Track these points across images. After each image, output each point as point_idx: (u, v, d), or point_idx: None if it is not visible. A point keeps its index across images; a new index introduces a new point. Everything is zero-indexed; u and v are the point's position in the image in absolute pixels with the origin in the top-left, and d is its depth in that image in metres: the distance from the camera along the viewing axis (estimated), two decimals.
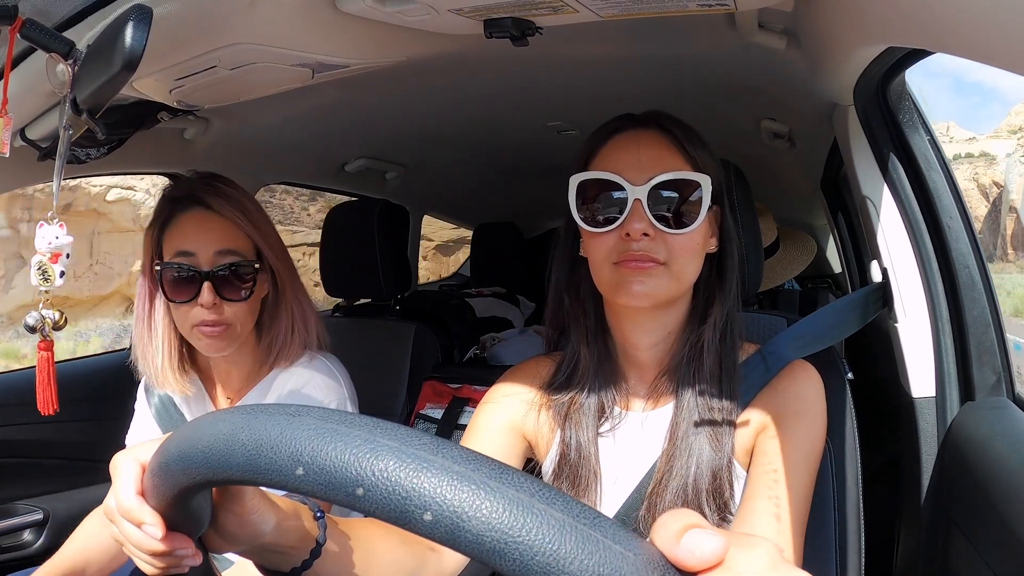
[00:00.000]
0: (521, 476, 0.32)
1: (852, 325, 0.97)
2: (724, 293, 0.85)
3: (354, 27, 0.86)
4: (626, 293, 0.78)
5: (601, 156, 0.82)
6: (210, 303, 0.97)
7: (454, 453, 0.33)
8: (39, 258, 0.77)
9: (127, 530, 0.48)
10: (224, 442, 0.38)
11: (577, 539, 0.30)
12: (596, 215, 0.80)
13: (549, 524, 0.30)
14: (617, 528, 0.31)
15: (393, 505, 0.32)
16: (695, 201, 0.78)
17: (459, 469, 0.32)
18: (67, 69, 0.73)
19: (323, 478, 0.34)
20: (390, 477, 0.32)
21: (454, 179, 2.40)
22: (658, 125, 0.82)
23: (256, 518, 0.53)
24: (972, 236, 0.96)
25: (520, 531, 0.30)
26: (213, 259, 0.98)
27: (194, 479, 0.40)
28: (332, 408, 0.38)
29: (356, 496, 0.33)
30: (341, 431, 0.35)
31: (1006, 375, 0.94)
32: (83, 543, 1.04)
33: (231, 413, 0.39)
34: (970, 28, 0.55)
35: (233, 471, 0.37)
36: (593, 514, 0.31)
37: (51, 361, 0.87)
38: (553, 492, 0.32)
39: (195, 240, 0.97)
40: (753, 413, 0.82)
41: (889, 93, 0.98)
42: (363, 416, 0.36)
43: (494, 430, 0.88)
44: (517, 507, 0.30)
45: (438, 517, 0.31)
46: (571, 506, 0.31)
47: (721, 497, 0.79)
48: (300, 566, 0.59)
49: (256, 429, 0.37)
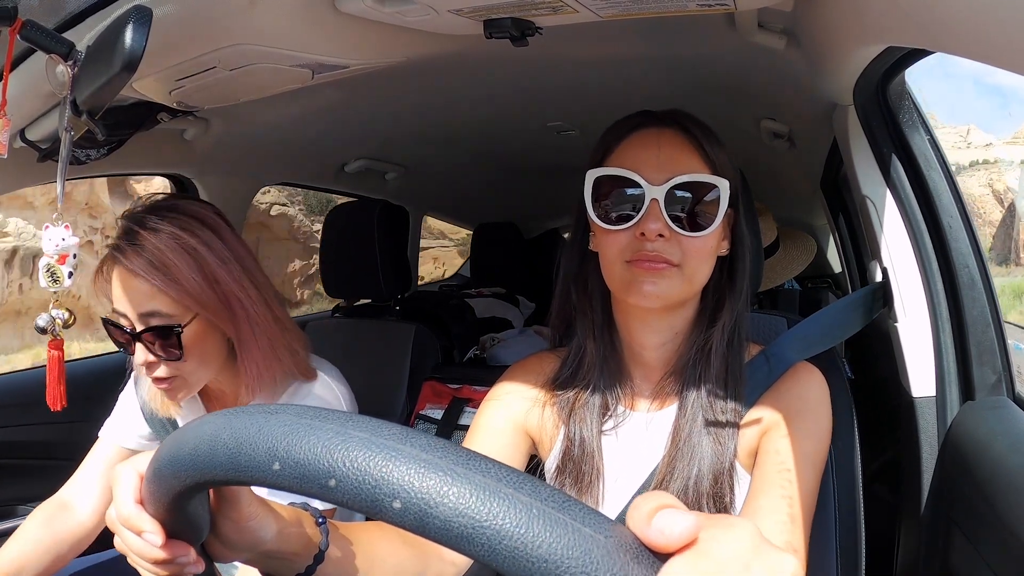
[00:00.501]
0: (488, 462, 0.32)
1: (853, 326, 0.97)
2: (734, 296, 0.84)
3: (354, 27, 0.86)
4: (637, 293, 0.78)
5: (619, 152, 0.81)
6: (143, 363, 0.93)
7: (422, 441, 0.33)
8: (47, 260, 0.78)
9: (128, 539, 0.48)
10: (208, 443, 0.38)
11: (545, 523, 0.29)
12: (610, 212, 0.79)
13: (516, 508, 0.30)
14: (587, 511, 0.31)
15: (364, 495, 0.32)
16: (712, 204, 0.78)
17: (426, 457, 0.32)
18: (67, 70, 0.73)
19: (298, 471, 0.34)
20: (359, 467, 0.32)
21: (454, 179, 2.40)
22: (678, 125, 0.81)
23: (255, 524, 0.53)
24: (972, 236, 0.96)
25: (487, 516, 0.30)
26: (139, 320, 0.91)
27: (184, 482, 0.40)
28: None
29: (329, 488, 0.33)
30: (314, 425, 0.35)
31: (1006, 375, 0.94)
32: (18, 549, 1.00)
33: (216, 415, 0.40)
34: (970, 28, 0.55)
35: (217, 471, 0.38)
36: (562, 497, 0.31)
37: (61, 360, 0.88)
38: (521, 476, 0.32)
39: (121, 301, 0.92)
40: (757, 415, 0.82)
41: (889, 93, 0.98)
42: (337, 411, 0.37)
43: (498, 429, 0.87)
44: (484, 492, 0.30)
45: (407, 505, 0.31)
46: (539, 490, 0.31)
47: (722, 500, 0.79)
48: (304, 572, 0.59)
49: (236, 428, 0.37)
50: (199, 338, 0.94)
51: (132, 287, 0.91)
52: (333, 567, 0.61)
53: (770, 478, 0.76)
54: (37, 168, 1.07)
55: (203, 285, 0.92)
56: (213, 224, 0.97)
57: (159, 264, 0.90)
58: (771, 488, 0.75)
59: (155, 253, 0.90)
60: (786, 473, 0.76)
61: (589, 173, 0.80)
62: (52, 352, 0.87)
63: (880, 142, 1.00)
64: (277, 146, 1.66)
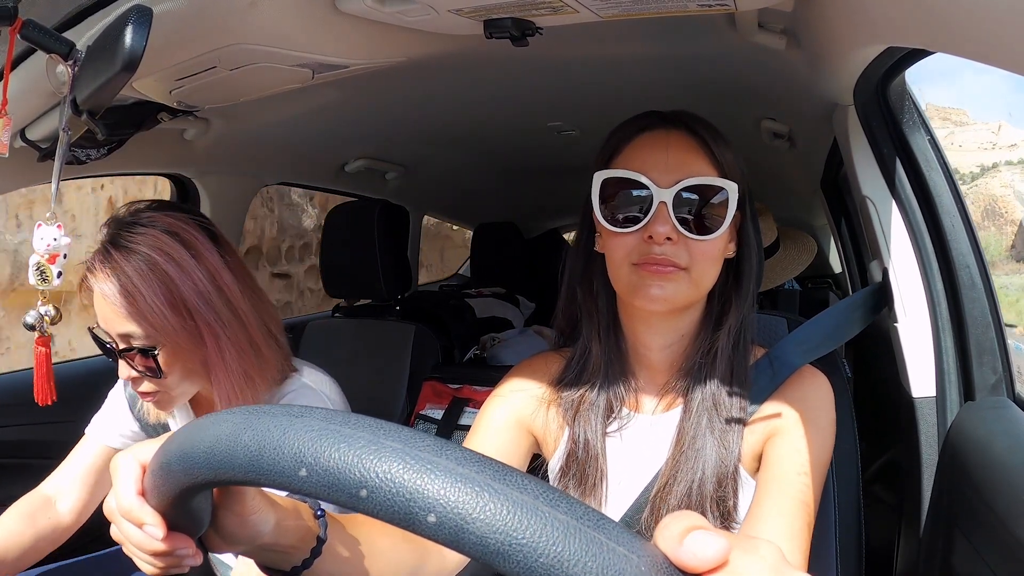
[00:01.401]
0: (525, 478, 0.32)
1: (855, 327, 0.97)
2: (740, 299, 0.84)
3: (354, 27, 0.86)
4: (644, 296, 0.78)
5: (626, 154, 0.81)
6: (127, 378, 0.94)
7: (458, 455, 0.33)
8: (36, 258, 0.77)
9: (127, 530, 0.48)
10: (227, 443, 0.37)
11: (581, 541, 0.30)
12: (617, 214, 0.79)
13: (553, 526, 0.30)
14: (620, 530, 0.31)
15: (397, 507, 0.32)
16: (720, 206, 0.77)
17: (463, 471, 0.32)
18: (67, 70, 0.73)
19: (327, 480, 0.34)
20: (394, 479, 0.32)
21: (454, 179, 2.40)
22: (686, 126, 0.80)
23: (257, 518, 0.53)
24: (972, 236, 0.96)
25: (524, 533, 0.30)
26: (119, 339, 0.92)
27: (196, 479, 0.40)
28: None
29: (359, 498, 0.33)
30: (345, 432, 0.34)
31: (1006, 375, 0.94)
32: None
33: (233, 414, 0.39)
34: (970, 28, 0.55)
35: (236, 472, 0.37)
36: (596, 516, 0.31)
37: (49, 356, 0.88)
38: (557, 494, 0.32)
39: (100, 318, 0.93)
40: (761, 419, 0.82)
41: (889, 93, 0.98)
42: (366, 417, 0.36)
43: (499, 426, 0.87)
44: (521, 509, 0.30)
45: (442, 519, 0.31)
46: (575, 508, 0.31)
47: (725, 504, 0.79)
48: (300, 565, 0.59)
49: (259, 430, 0.37)
50: (177, 359, 0.93)
51: (106, 309, 0.91)
52: (331, 560, 0.61)
53: (774, 485, 0.76)
54: (37, 168, 1.07)
55: (170, 315, 0.90)
56: (190, 241, 0.93)
57: (127, 293, 0.89)
58: (775, 496, 0.75)
59: (123, 281, 0.88)
60: (790, 480, 0.76)
61: (596, 175, 0.80)
62: (39, 349, 0.87)
63: (880, 142, 1.00)
64: (277, 146, 1.66)
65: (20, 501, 1.06)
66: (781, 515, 0.73)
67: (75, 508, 1.08)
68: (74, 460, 1.11)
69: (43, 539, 1.04)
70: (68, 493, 1.08)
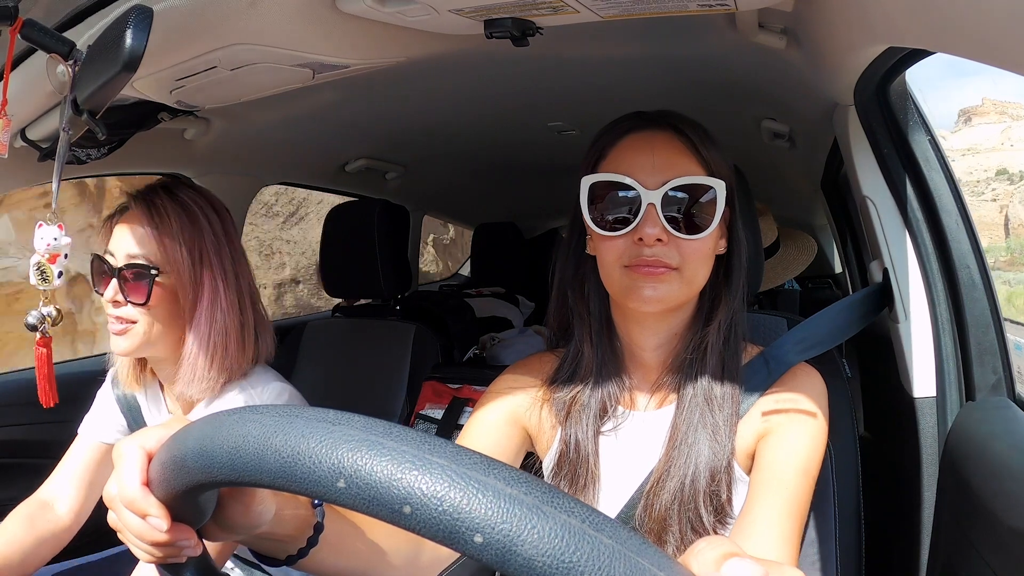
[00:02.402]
0: (572, 501, 0.32)
1: (854, 326, 0.97)
2: (730, 295, 0.84)
3: (354, 27, 0.86)
4: (637, 298, 0.78)
5: (613, 156, 0.81)
6: (111, 298, 1.01)
7: (506, 474, 0.33)
8: (37, 258, 0.78)
9: (128, 519, 0.47)
10: (255, 445, 0.36)
11: (625, 567, 0.30)
12: (606, 217, 0.79)
13: (599, 551, 0.30)
14: (663, 557, 0.31)
15: (442, 526, 0.31)
16: (708, 205, 0.77)
17: (511, 492, 0.32)
18: (67, 70, 0.73)
19: (368, 493, 0.33)
20: (441, 497, 0.32)
21: (454, 179, 2.40)
22: (671, 126, 0.80)
23: (261, 508, 0.53)
24: (972, 236, 0.96)
25: (571, 557, 0.30)
26: (125, 258, 1.01)
27: (214, 478, 0.39)
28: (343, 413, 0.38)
29: (402, 514, 0.32)
30: (388, 445, 0.34)
31: (1006, 375, 0.94)
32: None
33: (261, 414, 0.38)
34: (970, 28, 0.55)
35: (264, 476, 0.36)
36: (639, 540, 0.31)
37: (50, 357, 0.89)
38: (602, 518, 0.32)
39: (116, 241, 1.02)
40: (755, 416, 0.82)
41: (889, 93, 0.98)
42: (409, 429, 0.35)
43: (492, 423, 0.87)
44: (568, 532, 0.30)
45: (489, 540, 0.31)
46: (619, 533, 0.31)
47: (719, 499, 0.79)
48: (297, 554, 0.59)
49: (292, 435, 0.36)
50: (167, 296, 1.02)
51: (129, 230, 1.02)
52: (328, 550, 0.61)
53: (767, 484, 0.76)
54: (37, 168, 1.07)
55: (185, 254, 1.01)
56: (221, 212, 1.08)
57: (160, 216, 1.02)
58: (768, 495, 0.75)
59: (161, 212, 1.02)
60: (783, 478, 0.76)
61: (584, 179, 0.80)
62: (40, 350, 0.87)
63: (880, 142, 1.00)
64: (278, 146, 1.66)
65: (19, 507, 1.07)
66: (774, 515, 0.73)
67: (74, 508, 1.08)
68: (69, 461, 1.12)
69: (45, 543, 1.05)
70: (66, 494, 1.09)
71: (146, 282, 1.00)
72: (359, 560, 0.66)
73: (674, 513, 0.78)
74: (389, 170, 2.12)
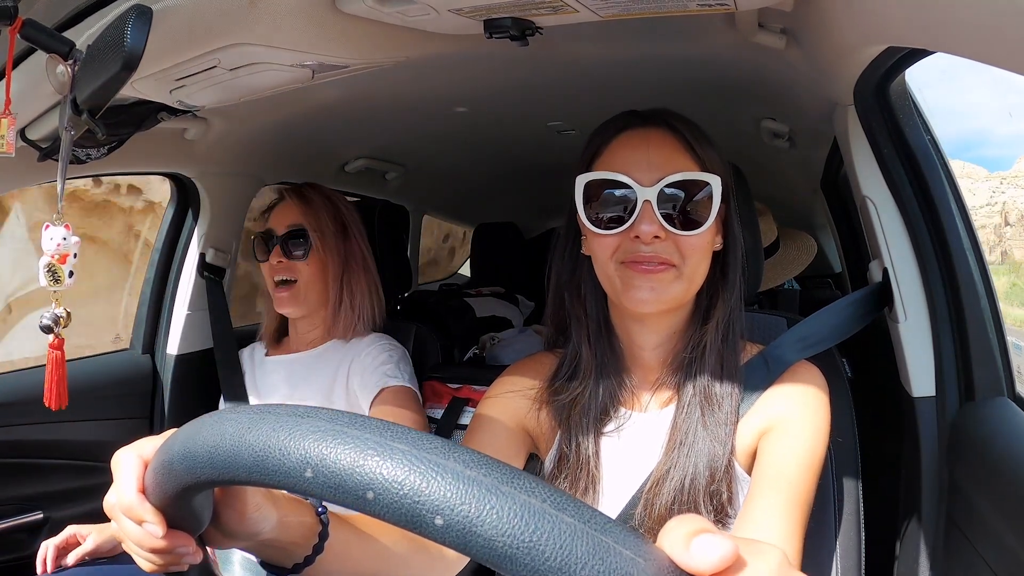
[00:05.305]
0: (533, 480, 0.32)
1: (853, 326, 0.97)
2: (727, 291, 0.84)
3: (354, 27, 0.86)
4: (635, 298, 0.78)
5: (607, 155, 0.81)
6: (275, 262, 1.30)
7: (466, 457, 0.33)
8: (46, 259, 0.77)
9: (127, 527, 0.48)
10: (231, 442, 0.37)
11: (588, 544, 0.30)
12: (602, 215, 0.79)
13: (560, 529, 0.30)
14: (627, 533, 0.31)
15: (404, 510, 0.32)
16: (704, 201, 0.78)
17: (471, 474, 0.32)
18: (67, 69, 0.73)
19: (333, 481, 0.33)
20: (402, 481, 0.32)
21: (454, 179, 2.40)
22: (665, 124, 0.81)
23: (258, 515, 0.53)
24: (972, 236, 0.96)
25: (531, 536, 0.30)
26: (286, 229, 1.32)
27: (198, 478, 0.40)
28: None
29: (366, 500, 0.33)
30: (351, 434, 0.34)
31: (1006, 375, 0.94)
32: None
33: (236, 413, 0.39)
34: (970, 28, 0.55)
35: (239, 472, 0.37)
36: (604, 519, 0.31)
37: (63, 359, 0.88)
38: (564, 497, 0.32)
39: (275, 220, 1.35)
40: (755, 415, 0.82)
41: (889, 93, 0.98)
42: (373, 418, 0.36)
43: (495, 427, 0.87)
44: (529, 512, 0.30)
45: (449, 522, 0.31)
46: (582, 511, 0.31)
47: (719, 497, 0.79)
48: (303, 562, 0.59)
49: (264, 430, 0.36)
50: (319, 259, 1.31)
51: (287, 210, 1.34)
52: (333, 557, 0.61)
53: (768, 482, 0.76)
54: (37, 167, 1.07)
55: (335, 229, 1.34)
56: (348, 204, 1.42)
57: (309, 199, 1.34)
58: (769, 494, 0.75)
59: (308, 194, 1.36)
60: (784, 477, 0.76)
61: (579, 178, 0.80)
62: (54, 352, 0.86)
63: (880, 142, 1.00)
64: (278, 146, 1.66)
65: None
66: (775, 513, 0.73)
67: None
68: None
69: None
70: None
71: (303, 241, 1.30)
72: (364, 568, 0.66)
73: (674, 513, 0.78)
74: (389, 170, 2.12)
